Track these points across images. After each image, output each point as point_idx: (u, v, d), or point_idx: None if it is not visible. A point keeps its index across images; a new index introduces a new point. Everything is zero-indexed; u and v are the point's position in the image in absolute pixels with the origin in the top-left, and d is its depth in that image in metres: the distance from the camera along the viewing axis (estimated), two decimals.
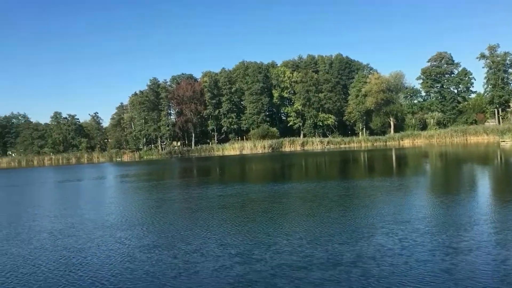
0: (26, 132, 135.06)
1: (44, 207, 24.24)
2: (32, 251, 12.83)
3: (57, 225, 17.19)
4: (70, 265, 11.03)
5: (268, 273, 9.39)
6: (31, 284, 9.63)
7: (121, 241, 13.43)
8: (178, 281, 9.25)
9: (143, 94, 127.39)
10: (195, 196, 24.03)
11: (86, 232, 15.16)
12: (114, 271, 10.21)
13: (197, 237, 13.30)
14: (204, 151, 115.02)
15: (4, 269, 10.97)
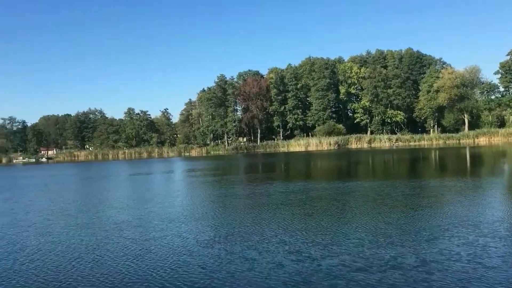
0: (102, 127, 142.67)
1: (115, 199, 25.44)
2: (98, 240, 13.48)
3: (124, 216, 17.97)
4: (131, 255, 11.45)
5: (324, 273, 9.20)
6: (93, 272, 10.10)
7: (182, 234, 13.76)
8: (233, 277, 9.29)
9: (210, 90, 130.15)
10: (258, 192, 24.15)
11: (150, 224, 15.70)
12: (172, 264, 10.46)
13: (255, 233, 13.32)
14: (270, 147, 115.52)
15: (70, 256, 11.61)
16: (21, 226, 16.94)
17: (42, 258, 11.64)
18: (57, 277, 9.88)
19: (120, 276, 9.76)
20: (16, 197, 29.10)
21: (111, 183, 37.88)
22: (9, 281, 9.80)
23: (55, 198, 26.74)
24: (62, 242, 13.45)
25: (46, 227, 16.36)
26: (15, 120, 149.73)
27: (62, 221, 17.58)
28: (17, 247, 13.13)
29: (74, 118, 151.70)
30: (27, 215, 19.79)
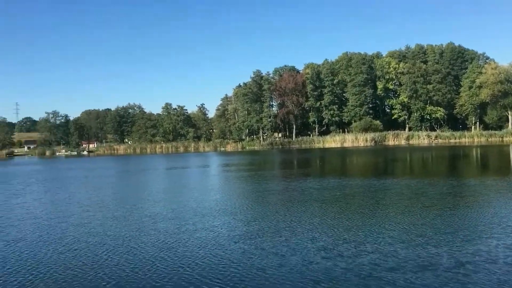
0: (141, 121, 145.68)
1: (151, 192, 26.00)
2: (132, 232, 13.82)
3: (159, 209, 18.33)
4: (163, 247, 11.68)
5: (354, 272, 9.10)
6: (127, 262, 10.37)
7: (214, 228, 13.92)
8: (262, 273, 9.33)
9: (246, 86, 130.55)
10: (292, 188, 24.12)
11: (184, 218, 15.95)
12: (201, 257, 10.60)
13: (287, 229, 13.32)
14: (305, 143, 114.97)
15: (105, 247, 11.96)
16: (61, 217, 17.56)
17: (79, 248, 12.04)
18: (93, 266, 10.21)
19: (150, 267, 9.98)
20: (58, 188, 30.16)
21: (148, 177, 38.68)
22: (48, 269, 10.19)
23: (94, 191, 27.56)
24: (99, 233, 13.86)
25: (84, 218, 16.89)
26: (58, 114, 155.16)
27: (100, 213, 18.11)
28: (56, 237, 13.63)
29: (114, 113, 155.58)
30: (67, 207, 20.49)
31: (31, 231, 14.73)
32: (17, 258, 11.32)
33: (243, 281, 8.87)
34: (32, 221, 16.88)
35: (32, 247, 12.40)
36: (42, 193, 27.25)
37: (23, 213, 18.85)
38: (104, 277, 9.43)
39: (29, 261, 10.92)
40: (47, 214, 18.36)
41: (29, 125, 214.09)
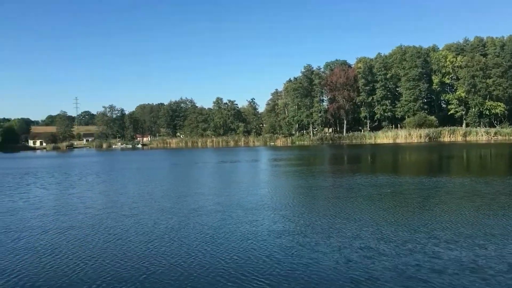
0: (192, 116, 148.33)
1: (200, 185, 26.51)
2: (176, 224, 14.17)
3: (205, 202, 18.65)
4: (205, 241, 11.89)
5: (396, 272, 8.87)
6: (167, 253, 10.64)
7: (257, 223, 14.00)
8: (298, 270, 9.28)
9: (297, 80, 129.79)
10: (341, 185, 23.80)
11: (228, 211, 16.16)
12: (240, 251, 10.72)
13: (331, 226, 13.17)
14: (356, 139, 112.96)
15: (147, 237, 12.32)
16: (111, 207, 18.28)
17: (124, 238, 12.49)
18: (135, 254, 10.57)
19: (192, 259, 10.19)
20: (111, 180, 31.43)
21: (198, 170, 39.43)
22: (96, 256, 10.65)
23: (145, 183, 28.45)
24: (144, 224, 14.32)
25: (132, 209, 17.49)
26: (114, 108, 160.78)
27: (148, 204, 18.68)
28: (104, 227, 14.22)
29: (167, 107, 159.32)
30: (118, 198, 21.32)
31: (82, 221, 15.45)
32: (67, 245, 11.90)
33: (280, 277, 8.86)
34: (84, 211, 17.69)
35: (81, 236, 12.99)
36: (96, 184, 28.43)
37: (77, 203, 19.77)
38: (143, 267, 9.72)
39: (78, 249, 11.45)
40: (99, 205, 19.17)
41: (87, 119, 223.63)
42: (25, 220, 15.83)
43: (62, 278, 9.16)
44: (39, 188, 26.58)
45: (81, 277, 9.20)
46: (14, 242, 12.42)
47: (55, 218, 16.11)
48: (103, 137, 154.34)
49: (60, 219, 15.80)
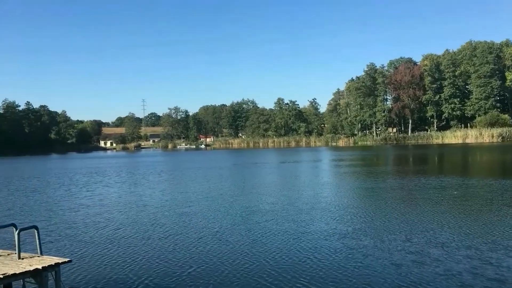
0: (254, 116, 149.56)
1: (259, 185, 26.61)
2: (229, 223, 14.27)
3: (260, 202, 18.71)
4: (254, 240, 11.86)
5: (450, 279, 8.30)
6: (213, 249, 10.68)
7: (309, 223, 13.81)
8: (346, 274, 8.95)
9: (359, 79, 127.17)
10: (404, 186, 22.93)
11: (281, 212, 16.10)
12: (286, 251, 10.56)
13: (385, 229, 12.67)
14: (422, 139, 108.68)
15: (196, 235, 12.42)
16: (169, 205, 18.84)
17: (178, 234, 12.76)
18: (187, 249, 10.72)
19: (237, 257, 10.16)
20: (174, 179, 32.40)
21: (259, 170, 39.58)
22: (146, 251, 10.91)
23: (204, 182, 28.98)
24: (198, 222, 14.57)
25: (189, 207, 17.91)
26: (179, 109, 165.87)
27: (205, 203, 19.03)
28: (156, 224, 14.62)
29: (229, 108, 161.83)
30: (177, 196, 22.04)
31: (138, 218, 16.03)
32: (123, 241, 12.32)
33: (324, 281, 8.58)
34: (142, 208, 18.34)
35: (136, 232, 13.40)
36: (158, 183, 29.40)
37: (136, 201, 20.58)
38: (189, 263, 9.82)
39: (132, 244, 11.83)
40: (157, 203, 19.80)
41: (154, 120, 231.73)
42: (87, 216, 16.66)
43: (118, 270, 9.43)
44: (104, 187, 28.01)
45: (129, 271, 9.43)
46: (73, 237, 12.97)
47: (113, 215, 16.84)
48: (168, 138, 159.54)
49: (118, 216, 16.52)
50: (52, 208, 19.17)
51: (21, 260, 7.23)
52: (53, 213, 17.74)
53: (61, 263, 7.19)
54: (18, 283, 7.51)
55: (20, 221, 14.83)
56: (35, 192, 26.04)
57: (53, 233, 13.56)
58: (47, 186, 29.52)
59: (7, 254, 7.75)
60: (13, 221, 9.65)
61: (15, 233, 7.47)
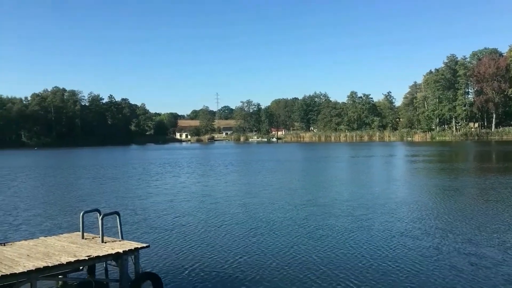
0: (326, 110, 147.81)
1: (325, 179, 26.42)
2: (288, 216, 14.25)
3: (320, 197, 18.55)
4: (307, 232, 11.76)
5: (504, 283, 7.75)
6: (270, 240, 10.72)
7: (368, 219, 13.49)
8: (401, 271, 8.64)
9: (438, 72, 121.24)
10: (485, 186, 21.56)
11: (343, 206, 15.95)
12: (349, 249, 10.36)
13: (449, 231, 12.04)
14: (507, 135, 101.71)
15: (249, 226, 12.53)
16: (230, 196, 19.21)
17: (233, 224, 12.97)
18: (241, 240, 10.85)
19: (299, 253, 10.12)
20: (241, 171, 33.12)
21: (329, 164, 39.19)
22: (217, 239, 11.16)
23: (271, 175, 29.26)
24: (255, 213, 14.74)
25: (251, 198, 18.15)
26: (251, 103, 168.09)
27: (267, 195, 19.21)
28: (214, 214, 14.96)
29: (301, 102, 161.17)
30: (240, 187, 22.56)
31: (197, 207, 16.67)
32: (193, 228, 12.74)
33: (377, 279, 8.32)
34: (202, 198, 19.10)
35: (193, 221, 13.84)
36: (225, 175, 30.28)
37: (199, 191, 21.59)
38: (247, 263, 9.91)
39: (205, 232, 12.17)
40: (220, 193, 20.63)
41: (227, 113, 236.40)
42: (153, 204, 17.56)
43: (191, 257, 9.79)
44: (173, 176, 29.45)
45: (201, 258, 9.71)
46: (147, 224, 13.65)
47: (176, 204, 17.59)
48: (241, 131, 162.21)
49: (180, 205, 17.26)
50: (127, 195, 20.48)
51: (104, 244, 7.75)
52: (128, 200, 18.88)
53: (140, 248, 7.62)
54: (101, 264, 8.05)
55: (99, 206, 15.81)
56: (114, 180, 27.87)
57: (129, 218, 14.33)
58: (126, 175, 31.33)
59: (92, 238, 8.34)
60: (94, 207, 10.34)
61: (99, 218, 8.01)
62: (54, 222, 14.21)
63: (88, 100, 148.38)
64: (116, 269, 7.80)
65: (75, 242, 7.98)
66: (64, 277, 7.86)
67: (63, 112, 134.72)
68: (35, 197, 20.63)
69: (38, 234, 11.40)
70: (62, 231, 10.63)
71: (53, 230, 12.15)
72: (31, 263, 6.60)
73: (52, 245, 7.84)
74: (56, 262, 6.67)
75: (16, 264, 6.53)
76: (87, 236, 8.41)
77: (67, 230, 11.26)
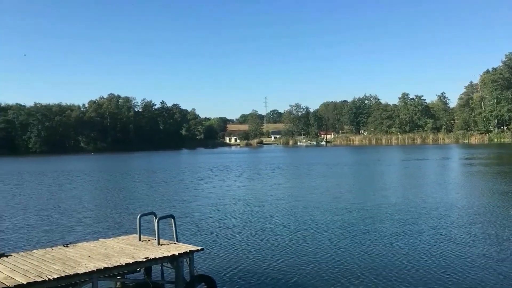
0: (376, 112, 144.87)
1: (372, 183, 25.90)
2: (338, 221, 14.05)
3: (366, 200, 18.17)
4: (351, 236, 11.51)
5: None
6: (330, 248, 10.62)
7: (413, 223, 13.05)
8: (447, 278, 8.31)
9: (496, 71, 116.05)
10: None
11: (389, 210, 15.53)
12: (401, 256, 10.07)
13: (504, 238, 11.46)
14: None
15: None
16: (272, 200, 19.14)
17: (285, 226, 12.91)
18: (298, 241, 10.80)
19: (350, 258, 9.99)
20: (287, 174, 33.01)
21: (379, 167, 38.39)
22: (266, 243, 11.19)
23: (317, 178, 29.07)
24: (301, 219, 14.60)
25: (294, 202, 17.99)
26: (300, 106, 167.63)
27: (310, 199, 19.03)
28: (254, 218, 14.95)
29: (351, 104, 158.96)
30: (283, 191, 22.55)
31: (236, 211, 16.79)
32: (243, 232, 12.85)
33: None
34: (247, 202, 19.29)
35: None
36: (270, 178, 30.39)
37: (243, 195, 21.74)
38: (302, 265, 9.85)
39: (255, 236, 12.27)
40: (262, 197, 20.69)
41: (275, 117, 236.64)
42: (203, 207, 17.94)
43: (243, 261, 9.90)
44: (221, 180, 30.00)
45: (252, 262, 9.79)
46: (199, 226, 13.92)
47: (225, 207, 17.94)
48: (289, 134, 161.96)
49: (229, 208, 17.62)
50: (178, 198, 21.04)
51: (160, 246, 7.97)
52: (178, 202, 19.39)
53: (195, 250, 7.78)
54: (156, 266, 8.27)
55: (151, 209, 16.24)
56: (166, 183, 28.75)
57: (181, 221, 14.67)
58: (177, 178, 32.10)
59: (148, 240, 8.59)
60: (146, 209, 10.61)
61: (155, 221, 8.25)
62: (111, 224, 14.79)
63: (141, 106, 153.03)
64: (171, 271, 8.01)
65: (132, 244, 8.25)
66: (122, 278, 8.15)
67: (118, 118, 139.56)
68: (93, 200, 21.58)
69: (97, 236, 11.87)
70: (119, 233, 11.01)
71: (111, 232, 12.64)
72: (92, 264, 6.89)
73: (111, 246, 8.16)
74: (115, 263, 6.93)
75: (79, 265, 6.84)
76: (143, 238, 8.68)
77: (124, 232, 11.66)
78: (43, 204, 20.22)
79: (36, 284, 6.04)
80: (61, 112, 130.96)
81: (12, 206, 19.87)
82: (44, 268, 6.68)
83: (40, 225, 14.86)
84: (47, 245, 10.31)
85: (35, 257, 7.47)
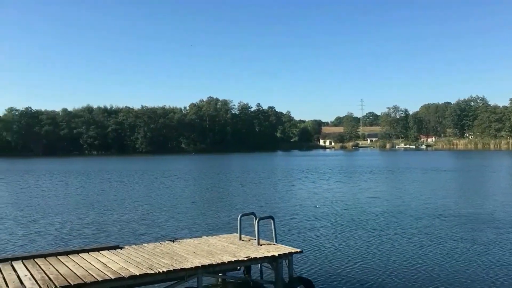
0: (484, 115, 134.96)
1: (470, 190, 24.23)
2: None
3: (454, 207, 16.86)
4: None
5: None
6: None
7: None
8: None
9: None
10: None
11: (484, 221, 14.65)
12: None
13: None
14: None
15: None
16: (356, 205, 18.55)
17: (373, 234, 12.47)
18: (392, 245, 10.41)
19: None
20: (379, 180, 32.00)
21: (482, 174, 35.76)
22: (366, 247, 10.94)
23: (410, 185, 27.79)
24: (400, 224, 13.94)
25: (381, 206, 17.33)
26: (398, 108, 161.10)
27: (397, 208, 18.14)
28: (361, 220, 14.52)
29: (454, 106, 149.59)
30: (353, 196, 21.90)
31: (338, 215, 16.49)
32: (342, 235, 12.68)
33: None
34: (331, 204, 19.24)
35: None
36: (364, 182, 29.87)
37: (338, 198, 21.28)
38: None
39: (355, 240, 12.05)
40: (357, 200, 20.19)
41: (371, 120, 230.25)
42: (299, 208, 17.85)
43: (341, 264, 9.80)
44: (317, 183, 30.09)
45: (352, 267, 9.64)
46: (296, 228, 13.98)
47: (321, 209, 17.86)
48: (387, 138, 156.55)
49: (325, 211, 17.51)
50: (273, 199, 21.40)
51: (260, 246, 8.18)
52: (274, 204, 19.71)
53: (294, 252, 7.87)
54: (255, 266, 8.49)
55: (247, 209, 16.62)
56: (262, 184, 29.44)
57: (278, 222, 14.87)
58: (273, 180, 32.65)
59: (248, 240, 8.86)
60: (243, 209, 10.93)
61: (255, 222, 8.47)
62: (210, 222, 15.45)
63: (238, 108, 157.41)
64: (269, 271, 8.18)
65: (233, 243, 8.57)
66: (224, 275, 8.49)
67: (216, 120, 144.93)
68: (195, 199, 22.68)
69: (200, 233, 12.46)
70: (220, 232, 11.45)
71: (212, 230, 13.19)
72: (197, 260, 7.27)
73: (213, 244, 8.54)
74: (218, 260, 7.25)
75: (185, 260, 7.25)
76: (244, 238, 8.96)
77: (224, 230, 12.09)
78: (152, 201, 21.68)
79: (148, 276, 6.54)
80: (165, 114, 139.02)
81: (121, 201, 21.57)
82: (154, 261, 7.19)
83: (146, 220, 15.99)
84: (155, 239, 11.06)
85: (146, 250, 8.06)
